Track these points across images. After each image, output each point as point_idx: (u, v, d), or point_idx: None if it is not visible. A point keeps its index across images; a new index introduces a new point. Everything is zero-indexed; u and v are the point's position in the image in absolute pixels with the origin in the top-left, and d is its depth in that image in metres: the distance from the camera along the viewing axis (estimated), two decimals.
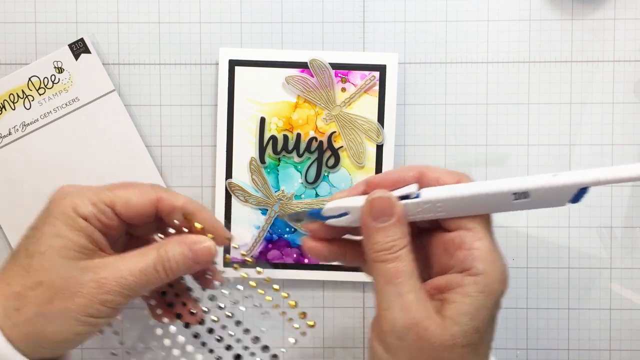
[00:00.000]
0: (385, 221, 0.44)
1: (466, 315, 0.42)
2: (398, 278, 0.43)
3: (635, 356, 0.63)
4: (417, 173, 0.46)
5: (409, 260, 0.44)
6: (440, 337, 0.42)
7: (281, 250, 0.62)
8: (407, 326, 0.42)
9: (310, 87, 0.60)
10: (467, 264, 0.43)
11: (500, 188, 0.43)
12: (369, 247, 0.44)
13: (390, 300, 0.43)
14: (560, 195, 0.43)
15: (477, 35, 0.62)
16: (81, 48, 0.61)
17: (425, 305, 0.43)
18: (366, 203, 0.45)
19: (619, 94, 0.62)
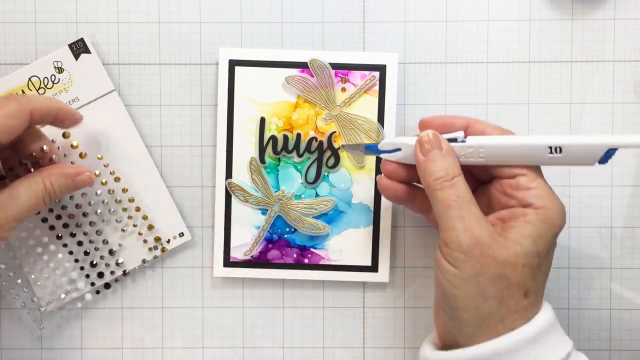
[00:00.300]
0: (435, 154, 0.50)
1: (528, 238, 0.47)
2: (457, 202, 0.48)
3: (635, 356, 0.63)
4: (466, 122, 0.52)
5: (465, 188, 0.49)
6: (503, 255, 0.47)
7: (281, 250, 0.62)
8: (472, 243, 0.47)
9: (310, 87, 0.60)
10: (528, 200, 0.49)
11: (537, 141, 0.49)
12: (426, 180, 0.50)
13: (454, 223, 0.48)
14: (591, 154, 0.48)
15: (477, 35, 0.62)
16: (81, 48, 0.61)
17: (487, 227, 0.48)
18: (417, 141, 0.51)
19: (619, 94, 0.62)
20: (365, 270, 0.62)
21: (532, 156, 0.49)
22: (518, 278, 0.47)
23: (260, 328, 0.64)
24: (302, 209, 0.61)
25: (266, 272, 0.62)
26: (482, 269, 0.47)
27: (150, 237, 0.62)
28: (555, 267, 0.63)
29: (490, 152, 0.50)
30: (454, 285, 0.48)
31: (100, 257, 0.62)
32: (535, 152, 0.49)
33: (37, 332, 0.63)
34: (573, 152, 0.48)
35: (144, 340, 0.64)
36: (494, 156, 0.50)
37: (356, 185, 0.61)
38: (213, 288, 0.63)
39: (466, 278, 0.47)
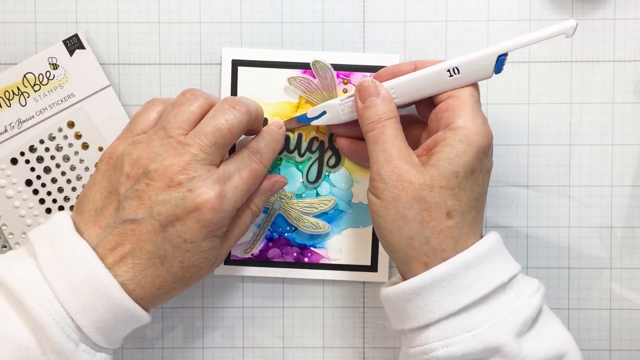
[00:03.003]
0: (372, 100, 0.53)
1: (444, 160, 0.49)
2: (383, 138, 0.51)
3: (635, 356, 0.63)
4: (414, 66, 0.54)
5: (395, 127, 0.52)
6: (420, 178, 0.49)
7: (281, 249, 0.62)
8: (389, 170, 0.50)
9: (312, 88, 0.60)
10: (449, 120, 0.51)
11: (435, 69, 0.52)
12: (363, 123, 0.53)
13: (376, 156, 0.51)
14: (485, 66, 0.52)
15: (477, 35, 0.62)
16: (75, 44, 0.61)
17: (407, 156, 0.51)
18: (356, 89, 0.54)
19: (619, 94, 0.62)
20: (364, 269, 0.62)
21: (437, 84, 0.53)
22: (437, 199, 0.49)
23: (260, 327, 0.63)
24: (303, 208, 0.61)
25: (266, 271, 0.62)
26: (399, 194, 0.49)
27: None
28: (555, 267, 0.63)
29: (400, 91, 0.54)
30: (378, 214, 0.51)
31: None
32: (437, 78, 0.52)
33: None
34: (469, 69, 0.52)
35: (144, 339, 0.64)
36: (404, 94, 0.54)
37: (357, 185, 0.61)
38: (212, 288, 0.63)
39: (386, 204, 0.50)
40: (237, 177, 0.52)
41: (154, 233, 0.49)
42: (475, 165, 0.50)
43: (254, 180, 0.53)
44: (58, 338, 0.47)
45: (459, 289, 0.49)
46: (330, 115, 0.57)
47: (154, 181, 0.49)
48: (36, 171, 0.61)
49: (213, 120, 0.51)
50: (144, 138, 0.52)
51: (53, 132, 0.61)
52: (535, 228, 0.63)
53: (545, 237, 0.63)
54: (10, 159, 0.61)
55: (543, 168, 0.62)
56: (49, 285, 0.48)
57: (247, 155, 0.54)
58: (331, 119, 0.58)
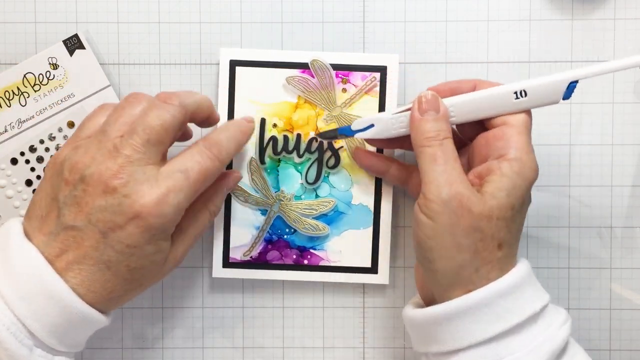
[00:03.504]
0: (432, 114, 0.52)
1: (503, 191, 0.49)
2: (443, 158, 0.50)
3: (635, 356, 0.63)
4: (473, 85, 0.54)
5: (453, 148, 0.51)
6: (479, 207, 0.48)
7: (280, 251, 0.61)
8: (450, 195, 0.49)
9: (310, 88, 0.60)
10: (505, 150, 0.50)
11: (501, 90, 0.52)
12: (418, 136, 0.52)
13: (436, 176, 0.50)
14: (554, 92, 0.51)
15: (477, 35, 0.62)
16: (75, 44, 0.61)
17: (467, 183, 0.50)
18: (416, 99, 0.53)
19: (619, 94, 0.62)
20: (364, 271, 0.62)
21: (500, 105, 0.52)
22: (492, 230, 0.49)
23: (260, 328, 0.64)
24: (302, 209, 0.61)
25: (265, 273, 0.62)
26: (458, 221, 0.48)
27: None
28: (555, 267, 0.63)
29: (459, 110, 0.53)
30: (430, 237, 0.50)
31: None
32: (501, 100, 0.52)
33: None
34: (537, 93, 0.51)
35: (144, 340, 0.64)
36: (463, 114, 0.53)
37: (356, 186, 0.61)
38: (212, 288, 0.63)
39: (441, 229, 0.49)
40: (181, 177, 0.49)
41: (95, 240, 0.48)
42: (525, 198, 0.51)
43: (204, 179, 0.51)
44: (10, 344, 0.46)
45: (491, 317, 0.48)
46: (379, 129, 0.55)
47: (90, 186, 0.48)
48: (36, 171, 0.62)
49: (144, 118, 0.49)
50: (85, 143, 0.50)
51: (53, 132, 0.61)
52: (535, 228, 0.63)
53: (545, 237, 0.63)
54: (10, 159, 0.61)
55: (543, 168, 0.62)
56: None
57: (199, 150, 0.52)
58: (379, 133, 0.56)
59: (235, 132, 0.56)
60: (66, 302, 0.48)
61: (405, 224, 0.63)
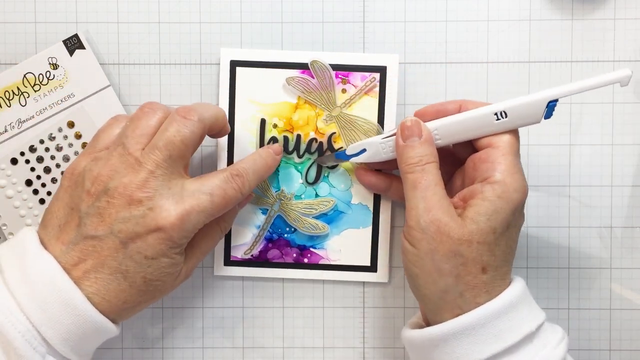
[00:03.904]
0: (414, 140, 0.52)
1: (483, 215, 0.49)
2: (422, 184, 0.50)
3: (635, 356, 0.63)
4: (458, 106, 0.54)
5: (435, 173, 0.51)
6: (458, 232, 0.49)
7: (281, 250, 0.62)
8: (429, 221, 0.49)
9: (310, 88, 0.60)
10: (488, 173, 0.50)
11: (481, 112, 0.52)
12: (401, 162, 0.53)
13: (416, 202, 0.50)
14: (534, 112, 0.51)
15: (477, 35, 0.62)
16: (75, 44, 0.61)
17: (447, 208, 0.50)
18: (399, 126, 0.53)
19: (619, 94, 0.62)
20: (364, 270, 0.62)
21: (482, 127, 0.52)
22: (474, 255, 0.49)
23: (260, 327, 0.64)
24: (302, 209, 0.61)
25: (266, 272, 0.62)
26: (437, 246, 0.49)
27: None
28: (555, 267, 0.63)
29: (444, 132, 0.53)
30: (413, 263, 0.51)
31: None
32: (483, 121, 0.52)
33: None
34: (517, 114, 0.51)
35: (144, 339, 0.64)
36: (448, 136, 0.53)
37: (356, 186, 0.61)
38: (213, 287, 0.63)
39: (422, 255, 0.50)
40: (207, 200, 0.51)
41: (115, 250, 0.49)
42: (510, 221, 0.50)
43: (225, 205, 0.52)
44: (24, 351, 0.47)
45: (488, 337, 0.48)
46: (371, 153, 0.57)
47: (114, 199, 0.49)
48: (36, 171, 0.62)
49: (164, 133, 0.50)
50: (105, 154, 0.51)
51: (53, 132, 0.61)
52: (536, 228, 0.63)
53: (545, 237, 0.63)
54: (10, 159, 0.61)
55: (543, 168, 0.62)
56: (15, 299, 0.48)
57: (226, 178, 0.52)
58: (371, 157, 0.57)
59: (262, 167, 0.56)
60: (80, 310, 0.48)
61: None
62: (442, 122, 0.53)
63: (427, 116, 0.55)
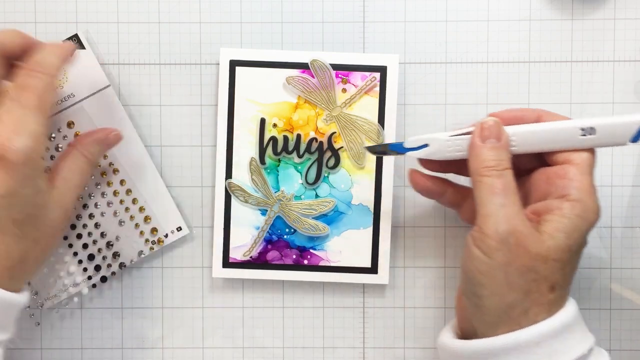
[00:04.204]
0: (493, 142, 0.50)
1: (562, 232, 0.47)
2: (503, 190, 0.48)
3: (635, 356, 0.63)
4: (536, 115, 0.52)
5: (512, 180, 0.49)
6: (536, 247, 0.47)
7: (280, 251, 0.62)
8: (509, 231, 0.47)
9: (310, 88, 0.60)
10: (567, 190, 0.48)
11: (567, 124, 0.50)
12: (477, 164, 0.50)
13: (495, 209, 0.48)
14: (623, 133, 0.49)
15: (477, 35, 0.62)
16: (75, 44, 0.61)
17: (525, 220, 0.48)
18: (477, 125, 0.51)
19: (619, 94, 0.62)
20: (364, 271, 0.62)
21: (565, 140, 0.50)
22: (547, 272, 0.47)
23: (260, 328, 0.64)
24: (302, 209, 0.61)
25: (265, 273, 0.62)
26: (513, 259, 0.47)
27: (147, 228, 0.62)
28: None
29: (521, 140, 0.51)
30: (482, 273, 0.48)
31: (98, 250, 0.62)
32: (567, 135, 0.50)
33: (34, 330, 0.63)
34: (606, 132, 0.49)
35: (144, 340, 0.64)
36: (525, 144, 0.51)
37: (356, 186, 0.61)
38: (212, 288, 0.63)
39: (495, 266, 0.47)
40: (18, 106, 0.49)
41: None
42: (584, 241, 0.49)
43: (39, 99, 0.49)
44: None
45: (541, 357, 0.47)
46: (433, 149, 0.53)
47: None
48: None
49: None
50: None
51: (53, 133, 0.61)
52: None
53: None
54: None
55: None
56: None
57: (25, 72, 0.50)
58: (432, 154, 0.54)
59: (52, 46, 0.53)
60: None
61: (405, 224, 0.63)
62: (522, 129, 0.51)
63: (502, 121, 0.52)
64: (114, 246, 0.62)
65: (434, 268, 0.63)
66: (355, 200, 0.61)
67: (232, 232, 0.61)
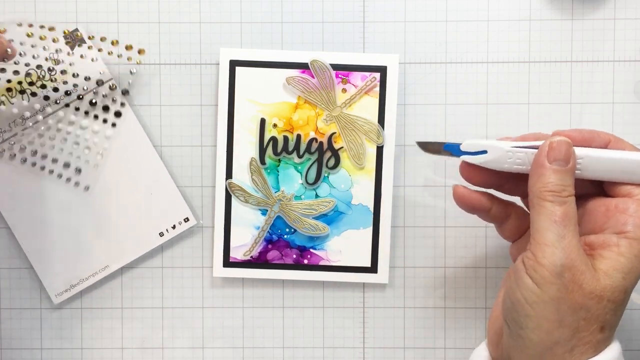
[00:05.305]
0: (561, 165, 0.46)
1: (619, 273, 0.44)
2: (564, 220, 0.45)
3: (635, 356, 0.63)
4: (607, 140, 0.49)
5: (575, 209, 0.46)
6: (591, 285, 0.44)
7: (281, 251, 0.62)
8: (566, 265, 0.44)
9: (310, 88, 0.60)
10: (626, 227, 0.45)
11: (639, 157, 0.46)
12: (540, 185, 0.46)
13: (553, 238, 0.44)
14: None
15: (477, 35, 0.62)
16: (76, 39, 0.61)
17: (582, 254, 0.45)
18: (546, 143, 0.47)
19: (619, 94, 0.62)
20: (364, 271, 0.62)
21: (633, 172, 0.47)
22: (599, 312, 0.45)
23: (261, 328, 0.64)
24: (302, 209, 0.61)
25: (266, 273, 0.62)
26: (567, 295, 0.44)
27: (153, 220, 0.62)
28: None
29: (589, 164, 0.47)
30: (531, 305, 0.45)
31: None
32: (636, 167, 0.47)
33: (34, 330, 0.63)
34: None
35: (144, 340, 0.64)
36: (592, 170, 0.47)
37: (356, 186, 0.61)
38: (213, 288, 0.63)
39: (546, 299, 0.44)
40: None
41: None
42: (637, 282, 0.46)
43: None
44: None
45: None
46: (491, 158, 0.50)
47: None
48: None
49: None
50: None
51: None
52: None
53: None
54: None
55: None
56: None
57: None
58: (489, 162, 0.50)
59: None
60: None
61: (405, 224, 0.63)
62: (593, 154, 0.47)
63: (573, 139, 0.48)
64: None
65: (434, 268, 0.63)
66: (355, 200, 0.61)
67: (233, 231, 0.62)
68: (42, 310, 0.63)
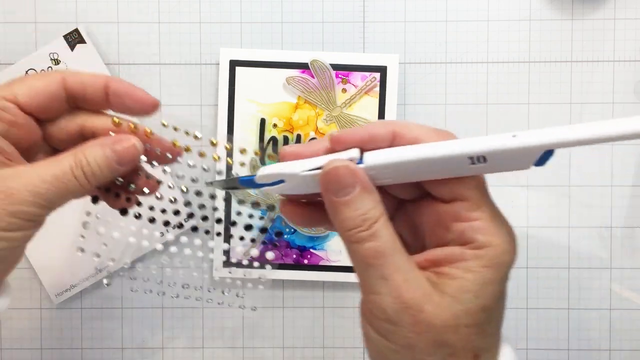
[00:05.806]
0: (348, 193, 0.37)
1: (469, 293, 0.36)
2: (378, 259, 0.37)
3: (635, 356, 0.63)
4: (391, 132, 0.39)
5: (388, 234, 0.37)
6: (440, 318, 0.36)
7: (281, 251, 0.62)
8: (399, 310, 0.36)
9: (310, 88, 0.60)
10: (467, 236, 0.37)
11: (453, 152, 0.37)
12: (339, 227, 0.38)
13: (375, 285, 0.37)
14: (523, 159, 0.36)
15: (477, 35, 0.62)
16: (76, 38, 0.61)
17: (417, 283, 0.37)
18: (321, 177, 0.38)
19: (619, 94, 0.62)
20: None
21: (452, 169, 0.37)
22: (463, 342, 0.37)
23: (260, 328, 0.64)
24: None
25: (266, 273, 0.62)
26: (417, 339, 0.36)
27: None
28: (556, 267, 0.63)
29: (397, 172, 0.38)
30: (387, 358, 0.38)
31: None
32: (453, 164, 0.37)
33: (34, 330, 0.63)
34: (500, 161, 0.36)
35: (144, 340, 0.64)
36: (401, 175, 0.38)
37: None
38: (213, 287, 0.63)
39: (399, 349, 0.37)
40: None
41: None
42: (502, 289, 0.38)
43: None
44: None
45: None
46: (291, 185, 0.40)
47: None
48: None
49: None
50: None
51: None
52: (536, 228, 0.63)
53: (545, 237, 0.63)
54: None
55: (543, 169, 0.62)
56: None
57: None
58: (291, 190, 0.41)
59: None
60: None
61: None
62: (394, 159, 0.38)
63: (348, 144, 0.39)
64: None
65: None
66: None
67: (233, 232, 0.61)
68: (42, 310, 0.63)
